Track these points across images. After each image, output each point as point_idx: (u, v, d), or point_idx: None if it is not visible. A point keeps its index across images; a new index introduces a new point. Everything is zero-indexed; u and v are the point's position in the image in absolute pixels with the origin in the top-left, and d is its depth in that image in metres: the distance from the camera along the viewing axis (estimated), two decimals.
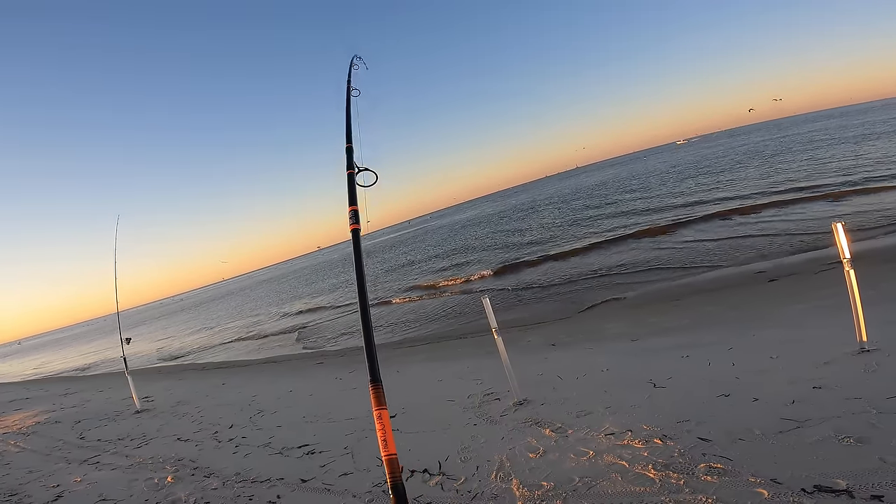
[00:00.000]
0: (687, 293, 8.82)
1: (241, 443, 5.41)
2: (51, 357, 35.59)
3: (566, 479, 3.04)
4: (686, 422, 3.40)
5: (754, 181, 20.86)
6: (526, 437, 3.83)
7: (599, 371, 5.16)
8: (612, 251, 14.78)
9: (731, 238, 12.41)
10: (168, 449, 5.68)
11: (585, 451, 3.33)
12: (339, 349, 12.20)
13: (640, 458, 3.06)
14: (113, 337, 32.51)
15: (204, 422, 6.67)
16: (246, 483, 4.20)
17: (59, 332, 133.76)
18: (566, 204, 37.17)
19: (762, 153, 34.95)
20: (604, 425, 3.67)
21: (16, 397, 13.67)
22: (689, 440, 3.14)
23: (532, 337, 8.01)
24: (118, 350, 9.21)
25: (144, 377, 13.51)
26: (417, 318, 13.43)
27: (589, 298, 10.13)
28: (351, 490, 3.65)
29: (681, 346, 5.46)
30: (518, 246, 21.88)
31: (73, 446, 6.55)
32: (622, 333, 6.86)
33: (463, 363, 7.04)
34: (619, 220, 19.05)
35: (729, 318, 6.58)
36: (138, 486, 4.55)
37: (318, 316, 19.76)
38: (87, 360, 24.77)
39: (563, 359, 6.18)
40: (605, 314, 8.74)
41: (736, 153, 41.56)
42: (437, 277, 20.04)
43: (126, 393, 9.97)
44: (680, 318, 7.22)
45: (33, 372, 26.01)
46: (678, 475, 2.76)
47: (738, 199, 17.28)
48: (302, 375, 9.27)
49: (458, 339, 9.57)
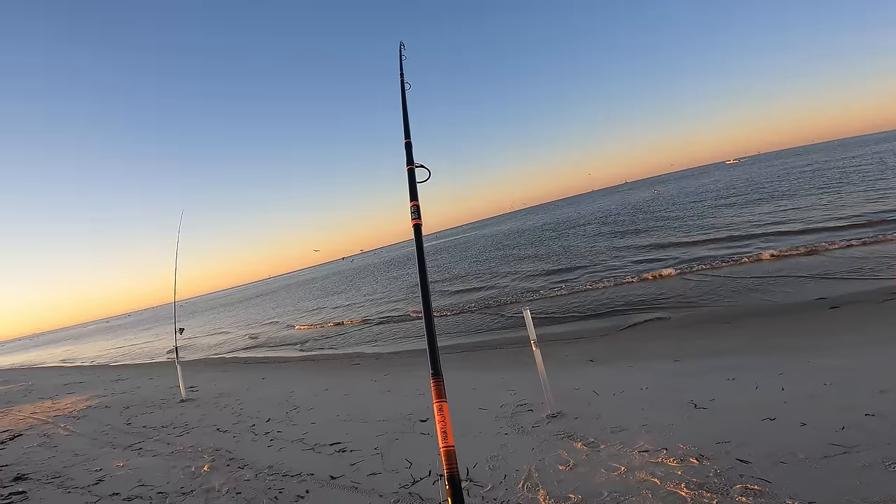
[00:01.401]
0: (737, 316, 8.44)
1: (277, 437, 5.52)
2: (113, 342, 37.02)
3: (594, 493, 2.95)
4: (726, 443, 3.25)
5: (824, 206, 19.59)
6: (557, 449, 3.75)
7: (638, 389, 4.99)
8: (657, 269, 14.30)
9: (789, 258, 11.80)
10: (207, 439, 5.85)
11: (617, 466, 3.23)
12: (376, 352, 12.32)
13: (673, 476, 2.94)
14: (186, 322, 33.60)
15: (243, 414, 6.86)
16: (277, 476, 4.28)
17: (133, 316, 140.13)
18: (612, 221, 36.30)
19: (826, 175, 33.06)
20: (638, 442, 3.55)
21: (71, 381, 14.45)
22: (727, 461, 3.01)
23: (569, 351, 7.87)
24: (181, 339, 9.53)
25: (191, 368, 14.08)
26: (450, 327, 13.41)
27: (631, 317, 9.85)
28: (378, 490, 3.66)
29: (727, 368, 5.22)
30: (556, 258, 21.58)
31: (119, 432, 6.80)
32: (665, 353, 6.63)
33: (497, 374, 6.98)
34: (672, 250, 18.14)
35: (781, 343, 6.25)
36: (175, 474, 4.69)
37: (354, 316, 19.99)
38: (141, 348, 25.82)
39: (600, 375, 6.03)
40: (647, 333, 8.48)
41: (799, 175, 39.49)
42: (471, 287, 20.00)
43: (173, 382, 10.40)
44: (728, 341, 6.92)
45: (101, 354, 27.17)
46: (711, 495, 2.66)
47: (801, 223, 16.40)
48: (338, 375, 9.41)
49: (492, 350, 9.51)
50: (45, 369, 23.77)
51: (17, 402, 11.13)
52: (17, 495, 4.61)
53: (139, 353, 25.12)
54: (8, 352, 61.97)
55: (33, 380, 16.54)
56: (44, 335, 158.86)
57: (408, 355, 11.00)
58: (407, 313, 17.83)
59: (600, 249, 21.67)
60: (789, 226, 16.44)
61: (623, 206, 51.63)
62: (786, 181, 34.90)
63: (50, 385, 13.89)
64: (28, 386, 14.38)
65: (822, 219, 16.47)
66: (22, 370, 24.71)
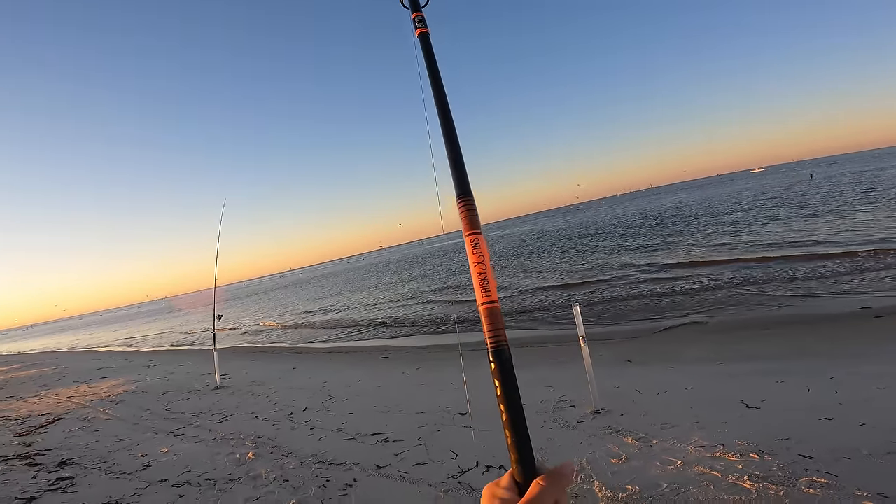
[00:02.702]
0: (776, 323, 8.28)
1: (316, 426, 5.59)
2: (151, 327, 37.29)
3: (652, 484, 2.95)
4: (786, 440, 3.24)
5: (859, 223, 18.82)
6: (606, 443, 3.74)
7: (683, 389, 4.95)
8: (693, 273, 14.08)
9: (828, 269, 11.50)
10: (247, 426, 5.93)
11: (672, 460, 3.22)
12: (403, 346, 12.37)
13: (733, 469, 2.93)
14: (223, 309, 34.38)
15: (279, 403, 6.95)
16: (323, 465, 4.33)
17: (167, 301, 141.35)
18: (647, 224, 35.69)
19: (861, 187, 31.86)
20: (692, 438, 3.53)
21: (104, 365, 14.75)
22: (789, 456, 3.01)
23: (603, 352, 7.78)
24: (219, 324, 9.71)
25: (220, 356, 14.23)
26: (476, 325, 13.38)
27: (665, 321, 9.73)
28: (426, 479, 3.70)
29: (772, 372, 5.13)
30: (584, 259, 21.39)
31: (159, 417, 6.91)
32: (704, 357, 6.53)
33: (532, 370, 6.94)
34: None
35: (824, 349, 6.12)
36: (221, 460, 4.77)
37: (383, 312, 20.05)
38: (177, 336, 26.02)
39: (640, 374, 5.99)
40: (683, 337, 8.36)
41: (834, 184, 38.28)
42: (498, 285, 19.85)
43: (205, 369, 10.59)
44: (768, 346, 6.78)
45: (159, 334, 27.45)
46: (777, 487, 2.67)
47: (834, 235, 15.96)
48: (368, 367, 9.45)
49: (523, 348, 9.46)
50: (76, 353, 24.35)
51: (52, 385, 11.39)
52: (65, 480, 4.66)
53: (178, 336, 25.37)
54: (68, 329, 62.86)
55: (67, 363, 16.91)
56: (112, 311, 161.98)
57: (437, 350, 11.00)
58: (429, 312, 17.82)
59: (625, 254, 21.48)
60: (823, 237, 16.05)
61: (650, 211, 50.84)
62: (824, 192, 33.61)
63: (84, 369, 14.21)
64: (62, 370, 14.70)
65: (858, 231, 16.04)
66: (56, 353, 25.22)
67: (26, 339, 59.38)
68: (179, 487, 4.24)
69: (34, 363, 18.69)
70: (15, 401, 9.64)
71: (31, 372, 15.01)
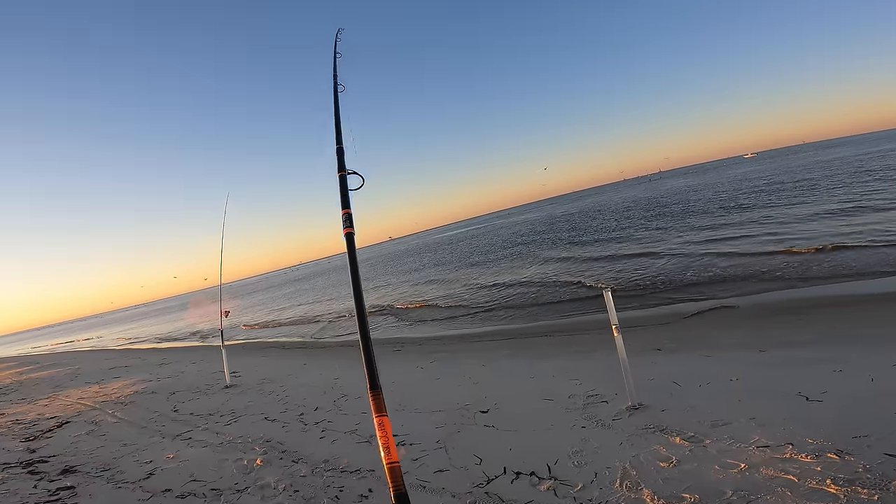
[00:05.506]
0: (806, 306, 7.80)
1: (328, 427, 5.25)
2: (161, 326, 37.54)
3: (714, 491, 2.56)
4: (865, 437, 2.82)
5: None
6: (650, 444, 3.34)
7: (727, 380, 4.50)
8: (713, 255, 13.52)
9: (851, 251, 10.91)
10: (256, 428, 5.62)
11: (734, 463, 2.81)
12: (418, 337, 12.04)
13: (812, 472, 2.53)
14: (224, 306, 34.18)
15: (289, 402, 6.64)
16: (335, 472, 3.98)
17: (177, 299, 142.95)
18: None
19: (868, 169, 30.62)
20: (752, 437, 3.11)
21: (116, 365, 14.58)
22: (873, 456, 2.60)
23: (629, 340, 7.37)
24: (225, 320, 9.29)
25: (230, 352, 14.02)
26: (492, 313, 13.02)
27: (692, 305, 9.23)
28: (449, 489, 3.33)
29: (824, 360, 4.67)
30: (592, 244, 20.90)
31: (167, 419, 6.65)
32: (741, 344, 6.08)
33: (553, 362, 6.55)
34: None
35: (870, 334, 5.63)
36: (228, 468, 4.46)
37: (392, 300, 19.76)
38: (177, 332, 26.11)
39: (673, 364, 5.54)
40: (714, 322, 7.88)
41: (831, 169, 36.71)
42: (506, 271, 19.66)
43: (215, 367, 10.29)
44: (805, 331, 6.32)
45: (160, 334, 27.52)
46: (869, 491, 2.29)
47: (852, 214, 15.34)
48: (381, 362, 9.05)
49: (541, 337, 9.04)
50: (91, 352, 24.35)
51: (64, 386, 11.22)
52: (66, 490, 4.39)
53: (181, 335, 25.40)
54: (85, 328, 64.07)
55: (80, 363, 16.81)
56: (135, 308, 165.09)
57: (450, 341, 10.63)
58: (437, 298, 17.44)
59: (646, 233, 20.97)
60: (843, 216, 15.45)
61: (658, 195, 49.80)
62: (835, 175, 32.45)
63: (97, 369, 14.03)
64: (75, 370, 14.57)
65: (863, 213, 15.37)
66: (71, 353, 25.28)
67: (73, 332, 60.93)
68: (184, 499, 3.92)
69: (49, 363, 18.59)
70: (26, 403, 9.45)
71: (45, 373, 14.85)
